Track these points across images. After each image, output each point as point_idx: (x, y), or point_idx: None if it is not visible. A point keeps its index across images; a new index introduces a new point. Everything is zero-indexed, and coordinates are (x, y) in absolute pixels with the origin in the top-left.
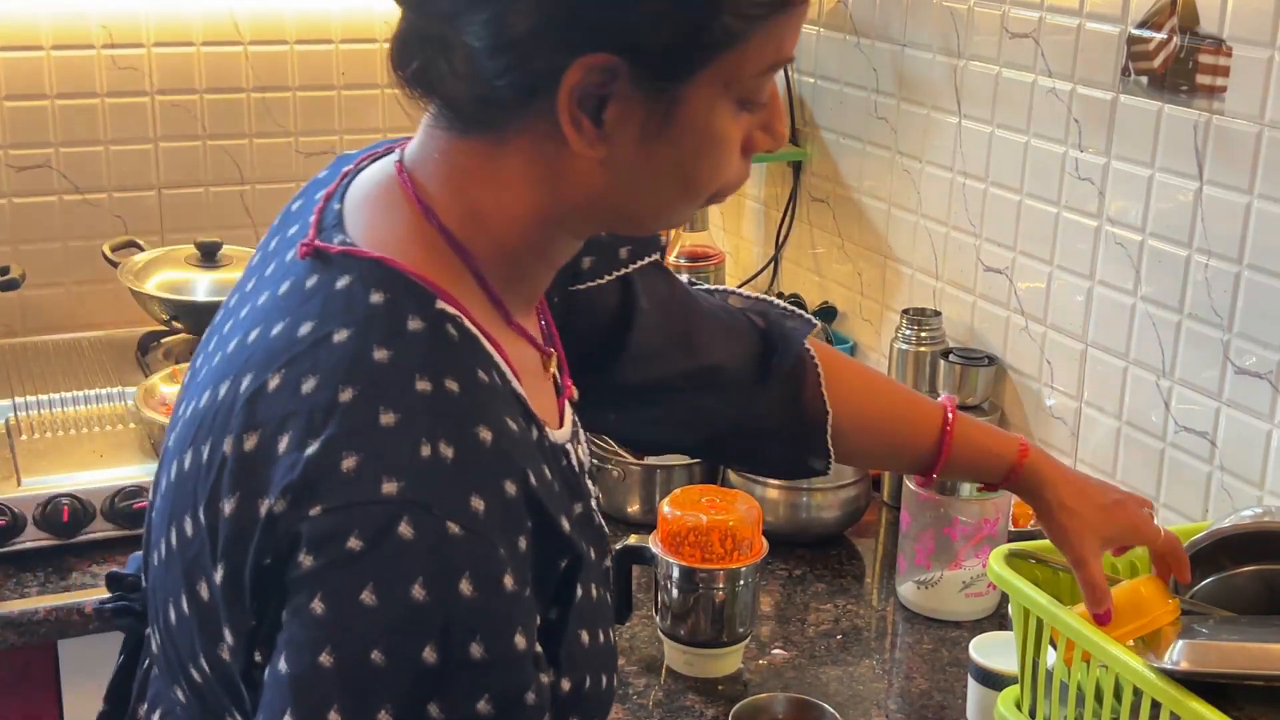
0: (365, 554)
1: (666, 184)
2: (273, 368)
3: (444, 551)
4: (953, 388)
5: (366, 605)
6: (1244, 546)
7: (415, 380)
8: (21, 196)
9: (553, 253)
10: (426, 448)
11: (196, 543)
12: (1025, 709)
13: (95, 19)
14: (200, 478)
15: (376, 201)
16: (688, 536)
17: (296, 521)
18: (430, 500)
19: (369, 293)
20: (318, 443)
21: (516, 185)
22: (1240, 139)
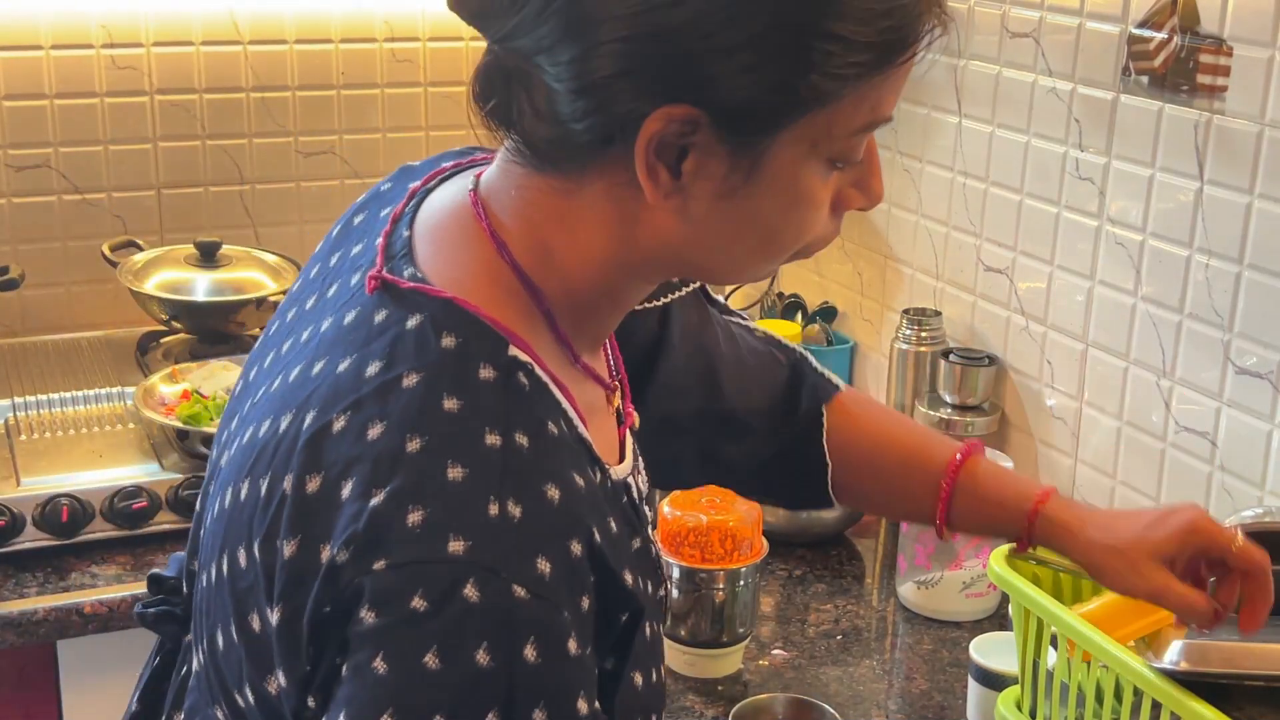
0: (430, 615)
1: (746, 240)
2: (338, 408)
3: (509, 616)
4: (953, 388)
5: (430, 669)
6: None
7: (486, 434)
8: (21, 196)
9: (624, 296)
10: (495, 506)
11: (250, 576)
12: (1025, 709)
13: (94, 19)
14: (257, 512)
15: (449, 232)
16: (688, 537)
17: (360, 574)
18: (496, 563)
19: (440, 336)
20: (383, 494)
21: (590, 228)
22: (1241, 139)
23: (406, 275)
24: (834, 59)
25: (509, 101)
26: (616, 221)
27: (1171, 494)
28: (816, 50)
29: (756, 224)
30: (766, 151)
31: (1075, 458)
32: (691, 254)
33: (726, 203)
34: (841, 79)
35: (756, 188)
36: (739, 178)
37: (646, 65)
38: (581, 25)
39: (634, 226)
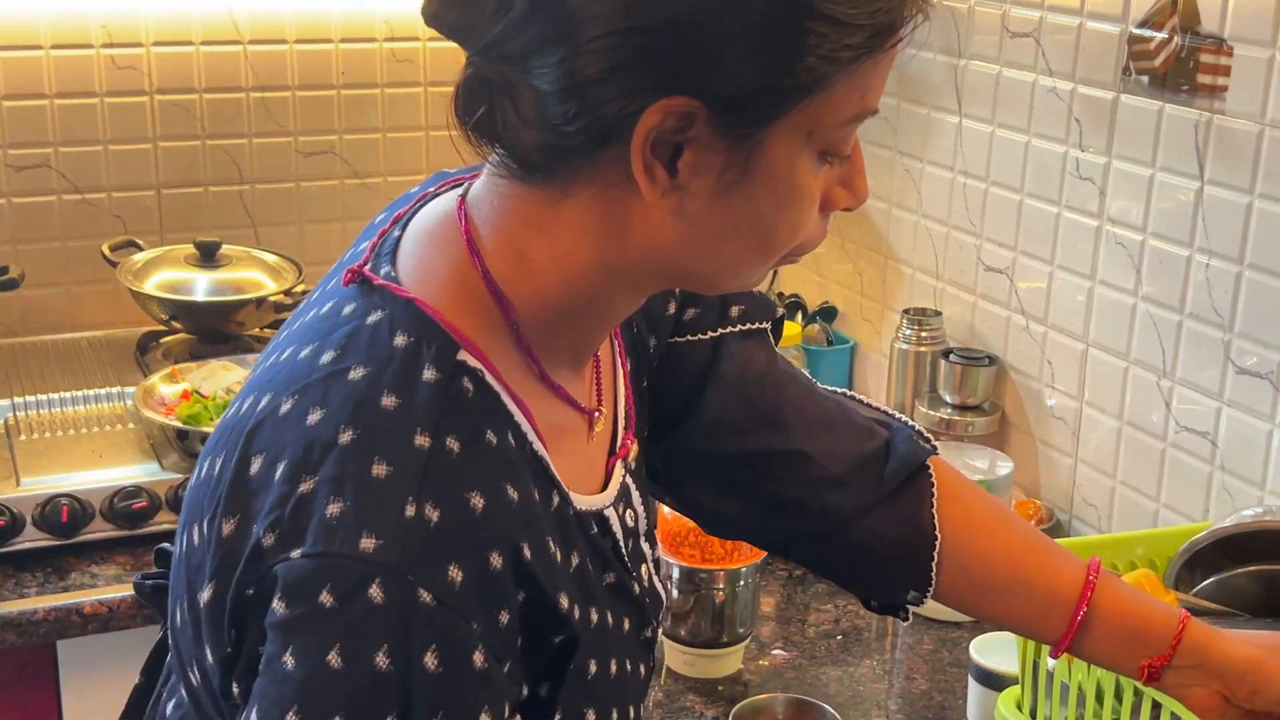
0: (334, 612)
1: (741, 240)
2: (288, 391)
3: (412, 621)
4: (953, 388)
5: (332, 667)
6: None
7: (416, 434)
8: (21, 196)
9: (608, 308)
10: (412, 508)
11: (200, 553)
12: (1026, 709)
13: (94, 18)
14: (208, 490)
15: (432, 236)
16: (688, 537)
17: (278, 560)
18: (404, 565)
19: (394, 334)
20: (311, 481)
21: (575, 236)
22: (1241, 139)
23: (382, 274)
24: (829, 41)
25: (493, 113)
26: (605, 227)
27: (1171, 494)
28: (812, 33)
29: (752, 221)
30: (762, 144)
31: (1075, 458)
32: (684, 257)
33: (723, 200)
34: (836, 62)
35: (752, 182)
36: (735, 172)
37: (640, 59)
38: (569, 24)
39: (624, 231)
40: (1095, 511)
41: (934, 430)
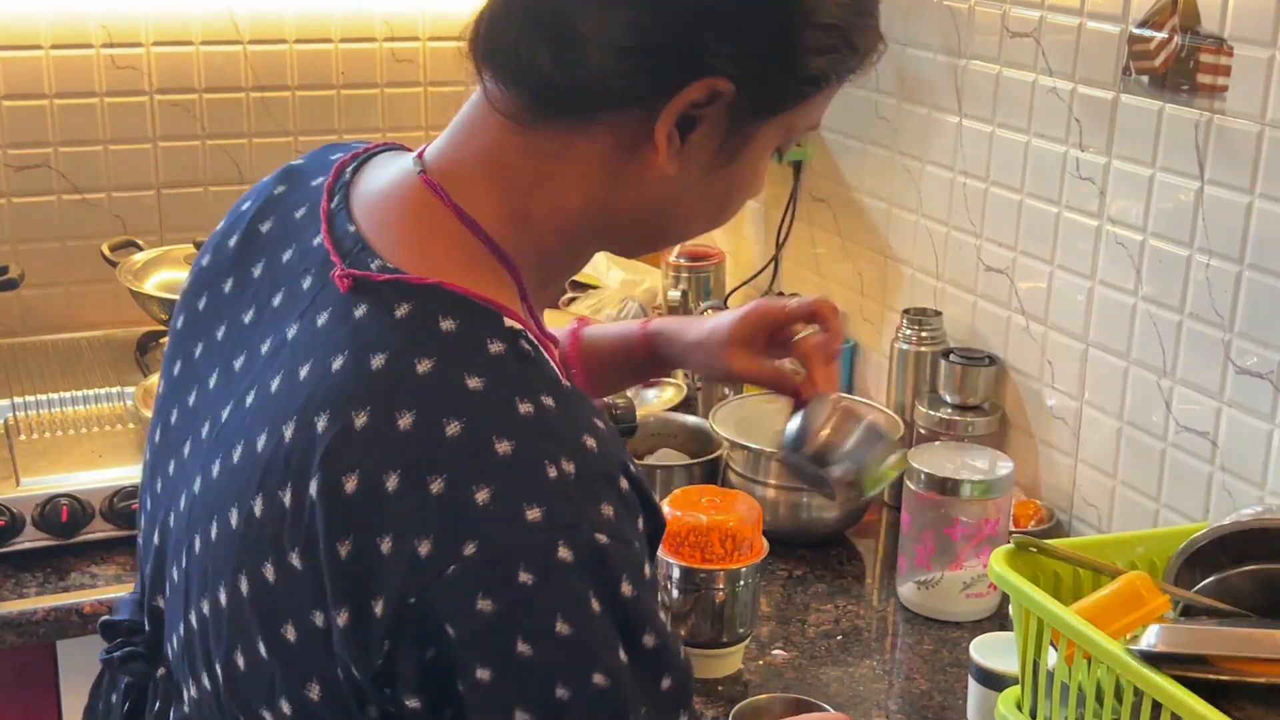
0: (541, 586)
1: (707, 207)
2: (354, 405)
3: (604, 563)
4: (953, 388)
5: (565, 635)
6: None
7: (518, 405)
8: (20, 196)
9: (580, 260)
10: (552, 469)
11: (283, 588)
12: (1026, 710)
13: (94, 18)
14: (286, 525)
15: (405, 217)
16: (688, 537)
17: (450, 561)
18: (575, 518)
19: (437, 320)
20: (440, 480)
21: (572, 189)
22: (1241, 139)
23: (374, 267)
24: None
25: (523, 48)
26: (603, 180)
27: (1172, 494)
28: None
29: (722, 194)
30: (757, 132)
31: (1075, 458)
32: (660, 216)
33: (707, 173)
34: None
35: (736, 163)
36: (728, 153)
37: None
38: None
39: (618, 186)
40: (1095, 511)
41: (934, 430)
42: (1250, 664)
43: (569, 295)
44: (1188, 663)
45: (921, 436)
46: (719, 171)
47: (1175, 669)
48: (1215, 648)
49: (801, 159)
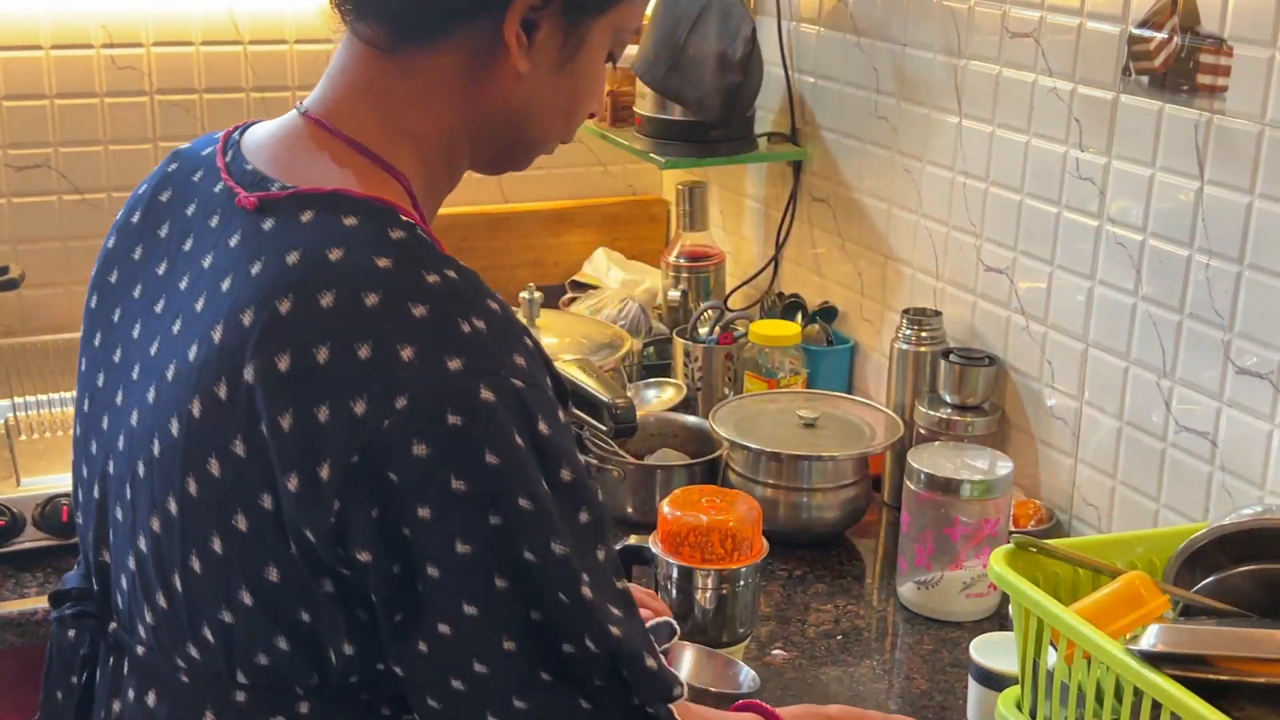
0: (469, 425)
1: (559, 109)
2: (277, 296)
3: (521, 403)
4: (953, 388)
5: (493, 466)
6: (1243, 545)
7: (425, 275)
8: (21, 196)
9: (458, 168)
10: (466, 325)
11: (231, 477)
12: (1026, 709)
13: (94, 19)
14: (223, 415)
15: (294, 149)
16: (688, 537)
17: (385, 416)
18: (493, 366)
19: (340, 218)
20: (367, 345)
21: (441, 100)
22: (1241, 139)
23: (275, 188)
24: None
25: None
26: (465, 90)
27: (1171, 494)
28: None
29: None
30: (588, 32)
31: (1075, 458)
32: (518, 119)
33: (555, 73)
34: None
35: (576, 63)
36: (568, 52)
37: None
38: None
39: (481, 95)
40: (1095, 511)
41: (934, 430)
42: (1250, 664)
43: (569, 295)
44: (1187, 663)
45: (921, 436)
46: (564, 70)
47: (1175, 669)
48: (1215, 648)
49: (801, 159)
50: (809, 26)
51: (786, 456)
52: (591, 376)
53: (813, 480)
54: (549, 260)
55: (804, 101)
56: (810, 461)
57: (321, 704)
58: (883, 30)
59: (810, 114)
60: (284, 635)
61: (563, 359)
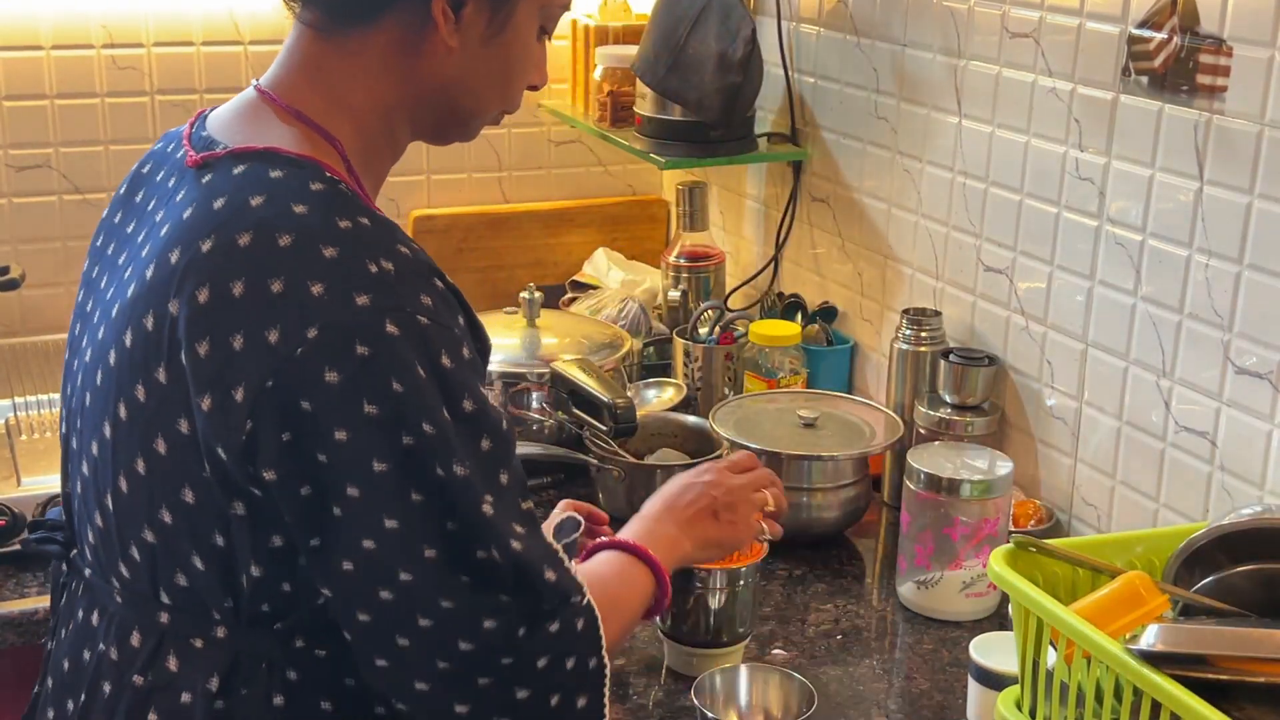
0: (376, 355)
1: (494, 82)
2: (201, 236)
3: (424, 338)
4: (953, 388)
5: (400, 393)
6: (1243, 545)
7: (338, 221)
8: (21, 196)
9: (399, 140)
10: (373, 266)
11: (154, 401)
12: (1025, 709)
13: (95, 19)
14: (149, 345)
15: (244, 118)
16: None
17: (298, 345)
18: (399, 303)
19: (268, 171)
20: (279, 280)
21: (377, 76)
22: (1241, 139)
23: (219, 149)
24: None
25: None
26: (400, 66)
27: (1171, 494)
28: None
29: (502, 68)
30: (515, 10)
31: (1075, 458)
32: (453, 90)
33: (485, 49)
34: None
35: (505, 37)
36: (496, 27)
37: None
38: None
39: (416, 65)
40: (1095, 511)
41: (933, 430)
42: (1250, 664)
43: (569, 295)
44: (1187, 662)
45: (921, 436)
46: (493, 44)
47: (1174, 669)
48: (1214, 647)
49: (802, 159)
50: (809, 26)
51: (786, 456)
52: (591, 376)
53: (813, 480)
54: (549, 260)
55: (804, 101)
56: (810, 461)
57: (237, 630)
58: (882, 30)
59: (810, 114)
60: (200, 556)
61: (563, 359)
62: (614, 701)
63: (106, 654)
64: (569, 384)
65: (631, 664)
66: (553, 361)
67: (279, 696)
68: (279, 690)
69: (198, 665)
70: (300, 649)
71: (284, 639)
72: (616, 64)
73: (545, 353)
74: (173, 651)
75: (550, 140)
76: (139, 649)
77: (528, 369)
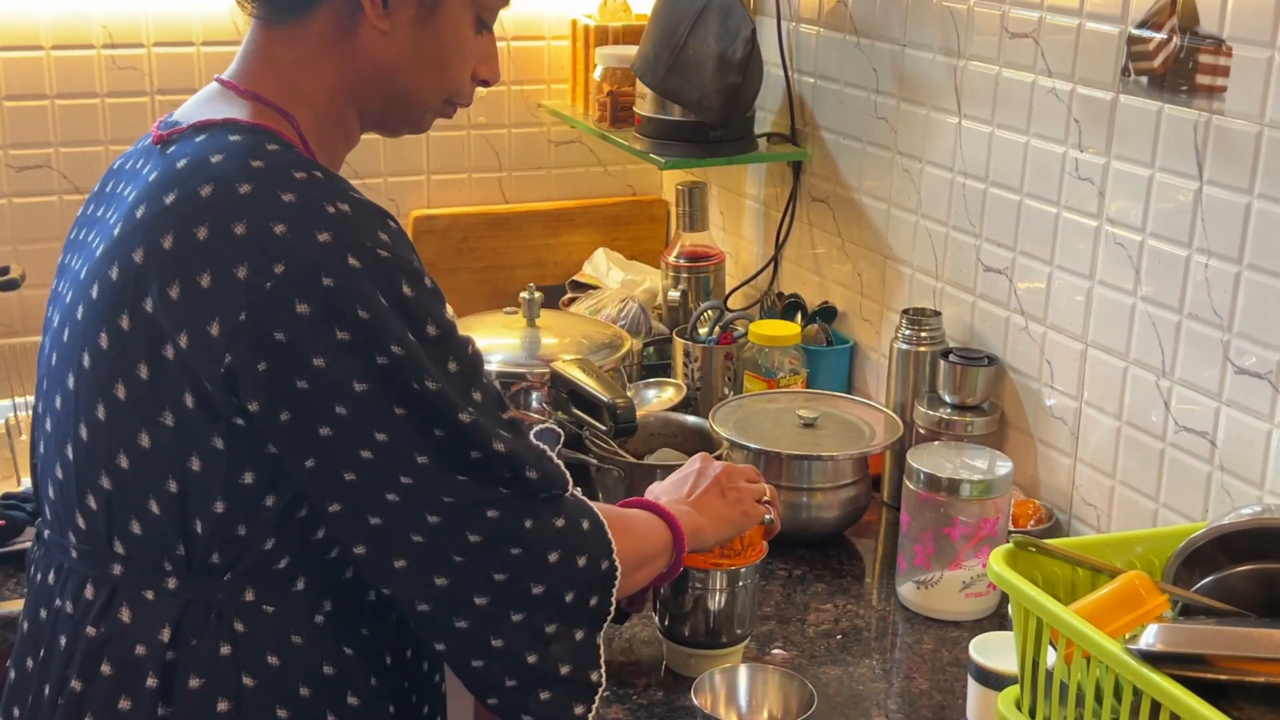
0: (341, 286)
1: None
2: (163, 193)
3: (385, 269)
4: (952, 388)
5: (365, 319)
6: (1242, 545)
7: (293, 172)
8: (21, 196)
9: (350, 126)
10: (331, 208)
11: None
12: (1025, 709)
13: (95, 19)
14: (114, 292)
15: (208, 102)
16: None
17: (266, 279)
18: (358, 238)
19: (228, 136)
20: (242, 223)
21: (323, 63)
22: (1240, 139)
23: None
24: None
25: None
26: (339, 52)
27: (1171, 494)
28: None
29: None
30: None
31: (1075, 458)
32: (390, 74)
33: (417, 33)
34: None
35: (437, 23)
36: (425, 13)
37: None
38: None
39: (351, 54)
40: (1095, 511)
41: (933, 430)
42: (1249, 664)
43: (569, 295)
44: (1187, 662)
45: (921, 436)
46: (426, 28)
47: (1174, 668)
48: (1214, 647)
49: (802, 159)
50: (809, 27)
51: (786, 456)
52: (591, 376)
53: (812, 480)
54: (549, 260)
55: (804, 102)
56: (810, 461)
57: (187, 580)
58: (882, 30)
59: (810, 114)
60: (156, 500)
61: (563, 359)
62: (614, 701)
63: (62, 608)
64: (569, 384)
65: (631, 664)
66: (553, 361)
67: (226, 647)
68: (226, 640)
69: (149, 616)
70: (249, 603)
71: (233, 591)
72: (616, 64)
73: (545, 353)
74: (125, 603)
75: (550, 140)
76: (93, 601)
77: (528, 369)
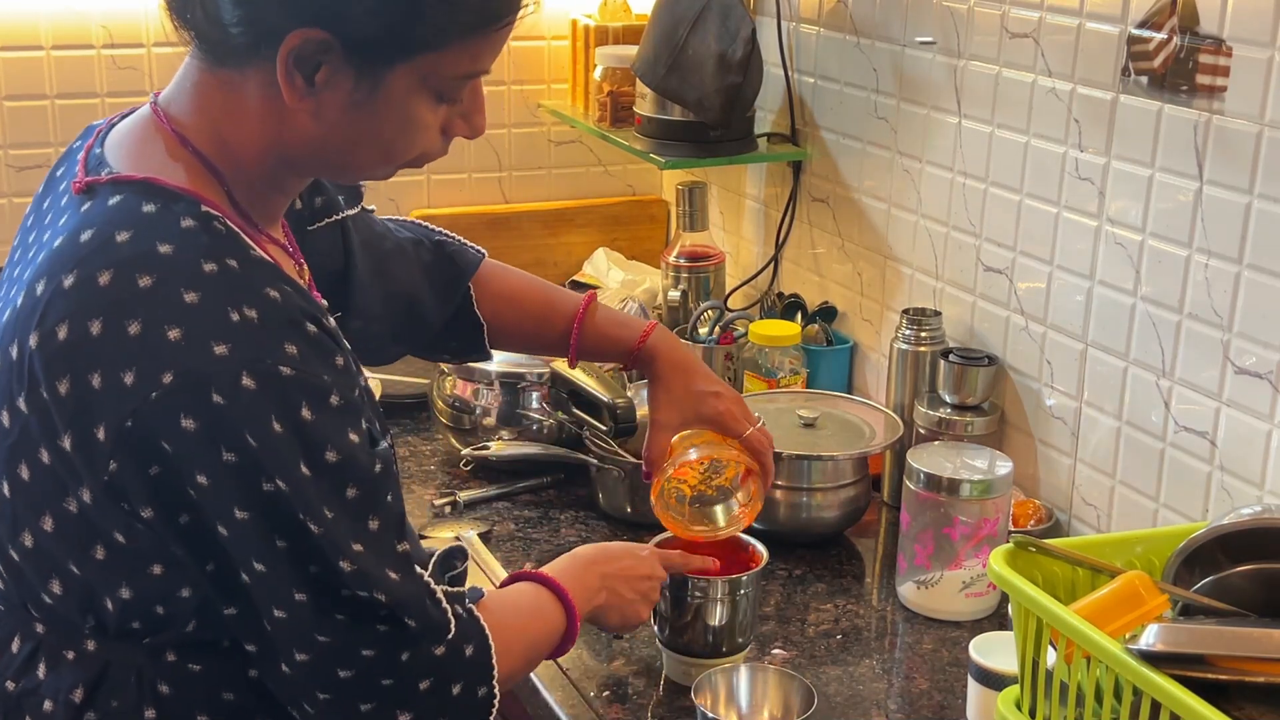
0: (228, 407)
1: (369, 147)
2: (64, 270)
3: (283, 390)
4: (952, 388)
5: (253, 446)
6: (1242, 545)
7: (202, 264)
8: (21, 196)
9: (285, 185)
10: (235, 314)
11: (16, 430)
12: (1025, 709)
13: (95, 19)
14: (12, 373)
15: (134, 135)
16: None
17: (152, 389)
18: (258, 355)
19: (141, 203)
20: (136, 322)
21: (252, 121)
22: (1240, 139)
23: (104, 174)
24: (441, 16)
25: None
26: (270, 116)
27: (1171, 494)
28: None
29: (375, 135)
30: (385, 79)
31: (1075, 457)
32: (326, 152)
33: (354, 114)
34: (446, 33)
35: (377, 106)
36: (363, 95)
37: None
38: None
39: (282, 123)
40: (1095, 511)
41: (933, 430)
42: (1249, 663)
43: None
44: (1187, 662)
45: (921, 436)
46: (361, 111)
47: (1174, 668)
48: (1214, 647)
49: (802, 159)
50: (809, 27)
51: (786, 456)
52: (591, 376)
53: (812, 480)
54: (549, 260)
55: (804, 102)
56: (810, 461)
57: (105, 644)
58: (882, 30)
59: (810, 114)
60: (59, 580)
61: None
62: (613, 701)
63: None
64: (569, 384)
65: (630, 671)
66: (553, 361)
67: (150, 710)
68: (150, 703)
69: (63, 675)
70: (172, 663)
71: (154, 653)
72: (616, 64)
73: None
74: (44, 660)
75: (550, 140)
76: (16, 655)
77: (528, 369)
